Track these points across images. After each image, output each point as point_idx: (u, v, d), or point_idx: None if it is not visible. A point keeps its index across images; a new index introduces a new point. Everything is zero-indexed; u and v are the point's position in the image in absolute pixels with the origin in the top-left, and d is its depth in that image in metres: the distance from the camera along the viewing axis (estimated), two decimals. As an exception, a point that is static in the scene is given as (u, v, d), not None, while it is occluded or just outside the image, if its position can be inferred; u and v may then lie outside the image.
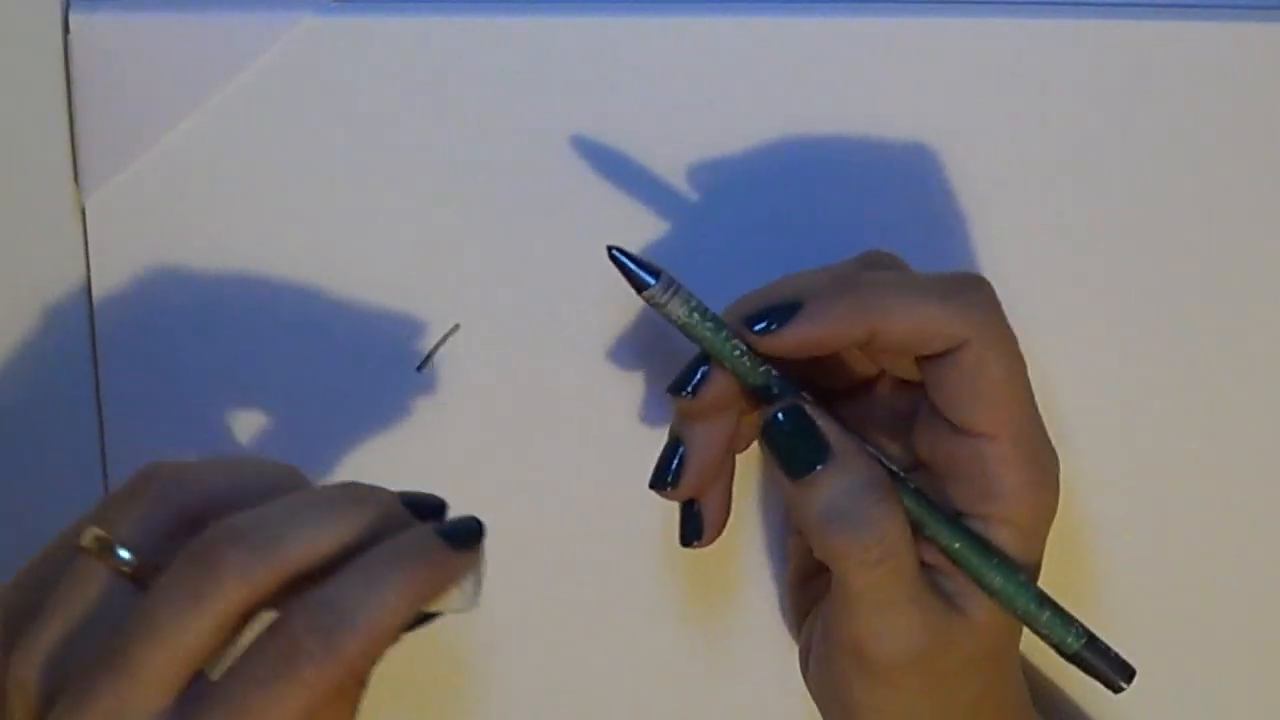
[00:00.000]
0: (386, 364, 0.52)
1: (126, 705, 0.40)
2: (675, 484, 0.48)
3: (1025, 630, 0.49)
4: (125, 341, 0.52)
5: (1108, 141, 0.52)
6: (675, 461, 0.48)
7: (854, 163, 0.52)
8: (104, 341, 0.52)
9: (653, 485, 0.49)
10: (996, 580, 0.47)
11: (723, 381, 0.47)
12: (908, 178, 0.52)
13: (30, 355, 0.52)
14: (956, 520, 0.47)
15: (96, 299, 0.52)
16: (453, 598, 0.42)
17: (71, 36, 0.49)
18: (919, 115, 0.51)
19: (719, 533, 0.49)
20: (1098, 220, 0.52)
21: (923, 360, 0.47)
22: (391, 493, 0.43)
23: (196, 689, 0.40)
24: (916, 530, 0.47)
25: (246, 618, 0.41)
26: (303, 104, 0.50)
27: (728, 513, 0.49)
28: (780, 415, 0.47)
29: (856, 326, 0.46)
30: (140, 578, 0.42)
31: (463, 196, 0.51)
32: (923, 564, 0.47)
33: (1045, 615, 0.48)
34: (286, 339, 0.52)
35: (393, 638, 0.41)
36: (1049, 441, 0.48)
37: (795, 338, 0.46)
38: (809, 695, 0.51)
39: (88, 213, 0.51)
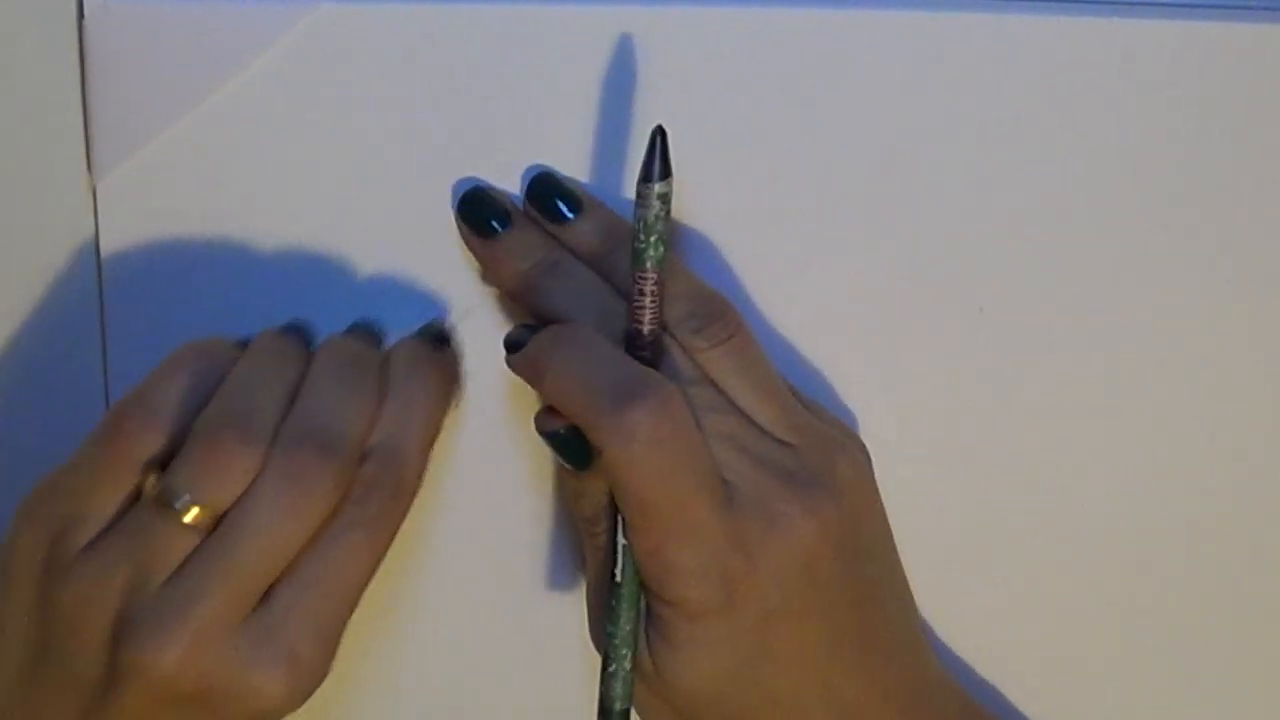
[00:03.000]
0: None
1: (227, 613, 0.44)
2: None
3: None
4: (135, 325, 0.52)
5: (1107, 141, 0.52)
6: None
7: (854, 161, 0.52)
8: (114, 324, 0.52)
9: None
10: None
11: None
12: (908, 177, 0.52)
13: (41, 338, 0.53)
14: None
15: (107, 282, 0.52)
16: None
17: (86, 22, 0.50)
18: (918, 114, 0.52)
19: None
20: (1097, 220, 0.53)
21: None
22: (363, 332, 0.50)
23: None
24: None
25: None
26: (316, 91, 0.51)
27: None
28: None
29: (534, 382, 0.48)
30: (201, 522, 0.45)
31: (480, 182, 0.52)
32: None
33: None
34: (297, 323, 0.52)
35: (433, 444, 0.49)
36: (692, 548, 0.47)
37: (511, 365, 0.48)
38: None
39: (99, 197, 0.51)
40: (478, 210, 0.50)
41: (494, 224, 0.50)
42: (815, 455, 0.49)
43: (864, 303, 0.53)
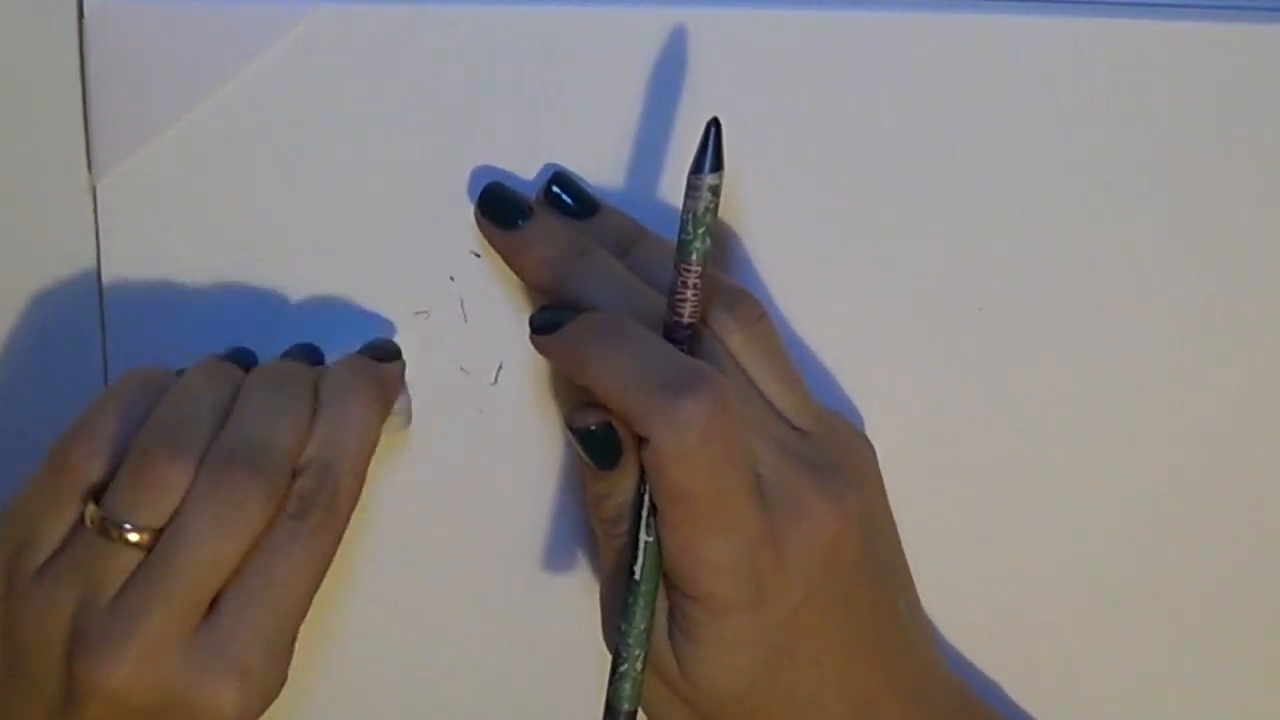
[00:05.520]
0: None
1: (170, 626, 0.45)
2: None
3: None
4: (134, 324, 0.52)
5: (1107, 141, 0.52)
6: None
7: (853, 162, 0.52)
8: (113, 324, 0.52)
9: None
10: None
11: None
12: (907, 177, 0.52)
13: (41, 338, 0.53)
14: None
15: (106, 282, 0.52)
16: (395, 415, 0.51)
17: (86, 22, 0.50)
18: (918, 115, 0.52)
19: None
20: (1098, 220, 0.53)
21: None
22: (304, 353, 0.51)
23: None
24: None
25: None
26: (315, 92, 0.51)
27: None
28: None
29: (574, 370, 0.48)
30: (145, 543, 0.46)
31: (479, 182, 0.52)
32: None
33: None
34: (296, 324, 0.52)
35: (369, 458, 0.48)
36: (729, 544, 0.47)
37: (541, 348, 0.49)
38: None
39: (99, 196, 0.51)
40: (500, 202, 0.51)
41: (517, 214, 0.50)
42: (832, 445, 0.49)
43: (863, 302, 0.53)
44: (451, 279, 0.52)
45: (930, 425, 0.54)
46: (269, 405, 0.47)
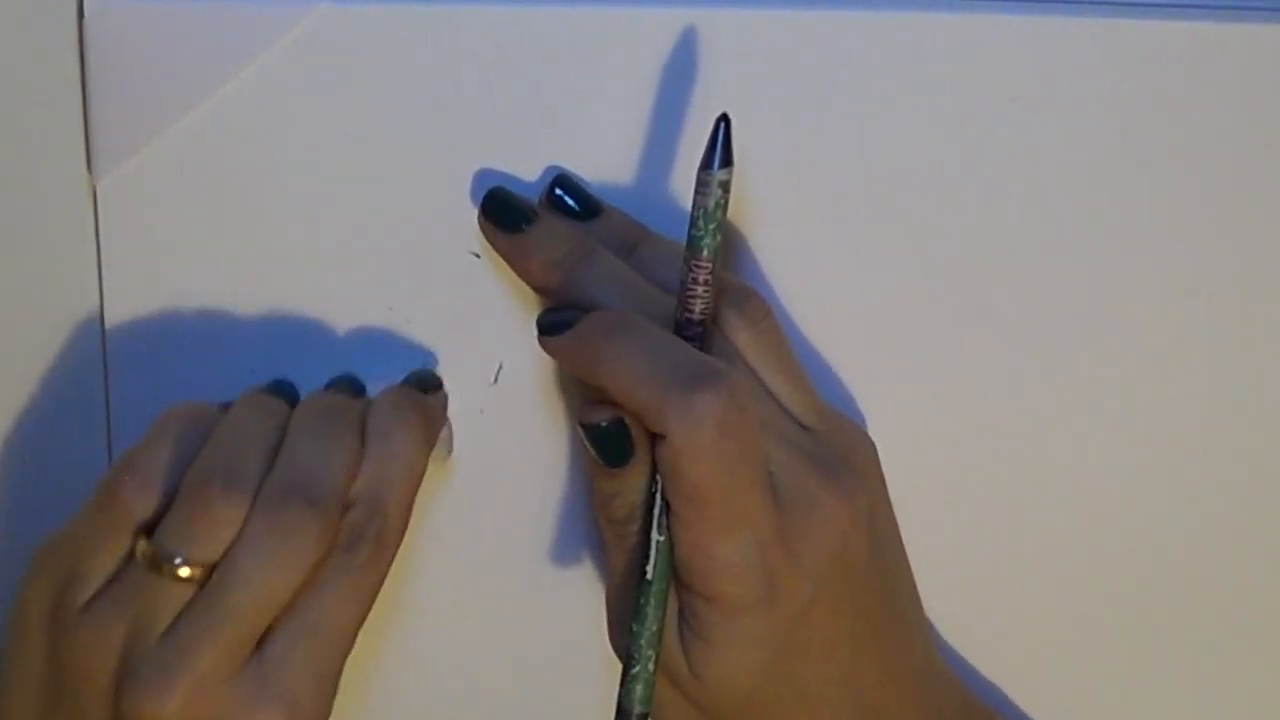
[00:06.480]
0: (397, 349, 0.53)
1: (221, 662, 0.45)
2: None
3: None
4: (135, 325, 0.52)
5: (1108, 141, 0.52)
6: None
7: (853, 162, 0.52)
8: (113, 324, 0.52)
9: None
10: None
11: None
12: (907, 177, 0.52)
13: (39, 339, 0.53)
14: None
15: (107, 283, 0.52)
16: (438, 446, 0.51)
17: (86, 22, 0.50)
18: (918, 115, 0.52)
19: None
20: (1099, 220, 0.53)
21: None
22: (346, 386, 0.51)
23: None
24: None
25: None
26: (316, 92, 0.51)
27: None
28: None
29: (586, 369, 0.47)
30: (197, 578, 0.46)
31: (480, 184, 0.52)
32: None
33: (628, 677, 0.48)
34: (297, 326, 0.52)
35: (416, 491, 0.48)
36: (742, 541, 0.47)
37: (551, 349, 0.49)
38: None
39: (99, 197, 0.51)
40: (503, 206, 0.51)
41: (521, 217, 0.50)
42: (837, 441, 0.50)
43: (863, 303, 0.53)
44: (452, 278, 0.52)
45: (931, 424, 0.54)
46: (320, 440, 0.47)
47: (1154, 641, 0.56)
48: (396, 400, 0.50)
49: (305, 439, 0.47)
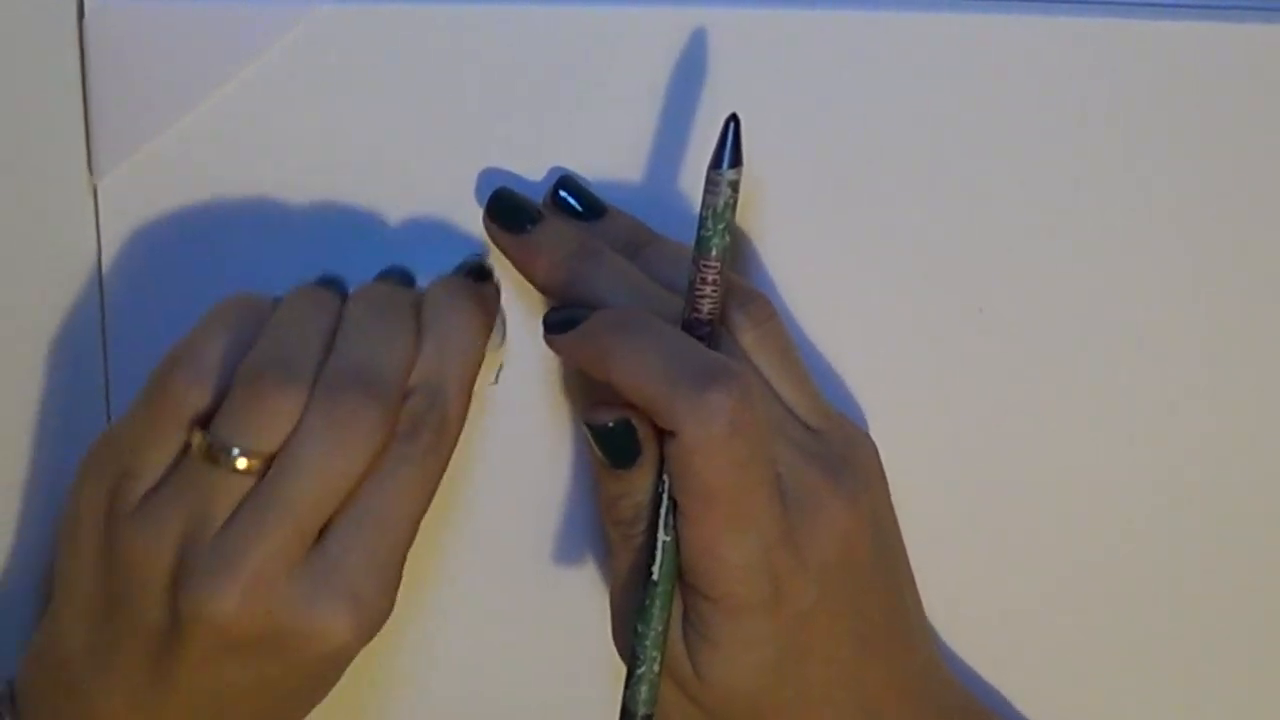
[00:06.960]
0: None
1: (280, 555, 0.44)
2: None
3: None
4: (136, 325, 0.52)
5: (1108, 141, 0.52)
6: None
7: (853, 162, 0.52)
8: (114, 324, 0.52)
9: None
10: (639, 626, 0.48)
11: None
12: (907, 177, 0.52)
13: (41, 338, 0.53)
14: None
15: (107, 282, 0.52)
16: (495, 331, 0.50)
17: (86, 22, 0.50)
18: (918, 115, 0.52)
19: None
20: (1098, 220, 0.53)
21: None
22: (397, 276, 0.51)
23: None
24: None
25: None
26: (315, 92, 0.51)
27: None
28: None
29: (595, 366, 0.47)
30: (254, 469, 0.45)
31: (479, 184, 0.52)
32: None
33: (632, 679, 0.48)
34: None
35: (475, 378, 0.48)
36: (749, 542, 0.47)
37: (559, 347, 0.48)
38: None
39: (100, 196, 0.51)
40: (508, 207, 0.51)
41: (526, 218, 0.50)
42: (840, 442, 0.49)
43: (863, 303, 0.53)
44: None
45: (931, 425, 0.54)
46: (376, 329, 0.47)
47: (1154, 642, 0.56)
48: (451, 288, 0.49)
49: (361, 328, 0.47)
